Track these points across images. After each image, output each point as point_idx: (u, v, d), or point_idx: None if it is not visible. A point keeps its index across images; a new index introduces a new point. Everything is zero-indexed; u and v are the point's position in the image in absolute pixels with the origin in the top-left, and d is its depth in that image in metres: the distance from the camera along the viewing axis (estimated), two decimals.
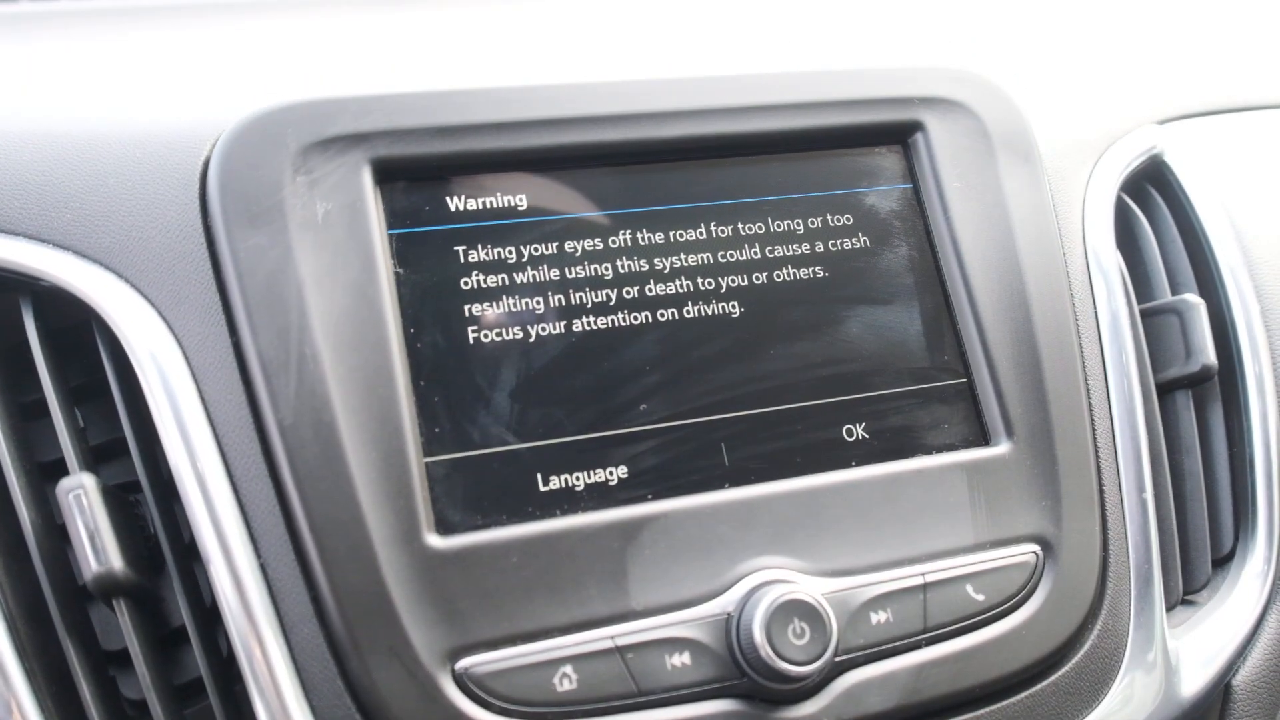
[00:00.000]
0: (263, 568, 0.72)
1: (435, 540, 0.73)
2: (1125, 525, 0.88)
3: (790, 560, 0.78)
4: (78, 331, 0.79)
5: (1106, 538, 0.87)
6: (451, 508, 0.75)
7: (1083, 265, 0.95)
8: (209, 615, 0.75)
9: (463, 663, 0.72)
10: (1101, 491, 0.87)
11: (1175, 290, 1.01)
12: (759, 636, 0.74)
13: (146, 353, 0.75)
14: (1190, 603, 0.94)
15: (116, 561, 0.71)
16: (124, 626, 0.73)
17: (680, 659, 0.74)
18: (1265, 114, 1.21)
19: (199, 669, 0.74)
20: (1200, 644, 0.90)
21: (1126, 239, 1.02)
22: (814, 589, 0.76)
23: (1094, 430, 0.89)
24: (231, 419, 0.74)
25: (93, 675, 0.73)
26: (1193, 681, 0.88)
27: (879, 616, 0.78)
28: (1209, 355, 0.96)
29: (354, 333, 0.75)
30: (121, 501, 0.76)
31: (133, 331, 0.75)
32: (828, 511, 0.80)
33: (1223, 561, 0.96)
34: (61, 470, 0.75)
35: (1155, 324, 0.98)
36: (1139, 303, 0.98)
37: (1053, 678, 0.83)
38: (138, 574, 0.73)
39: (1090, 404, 0.89)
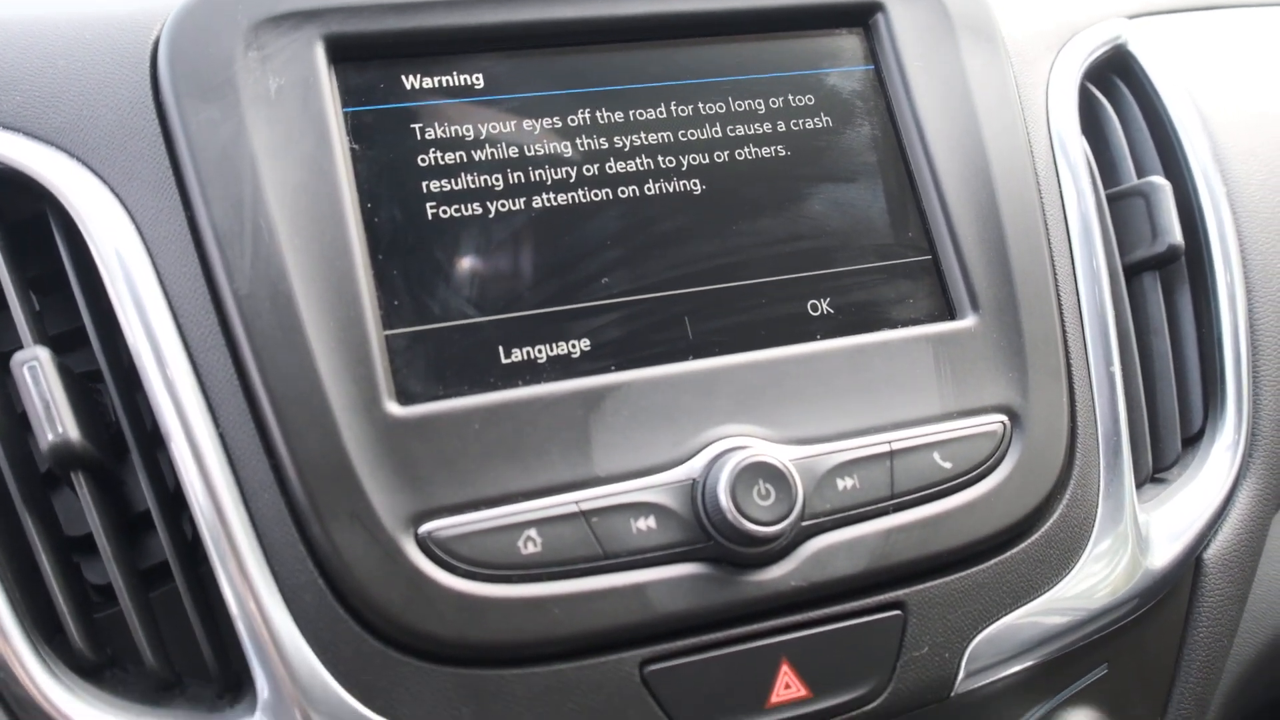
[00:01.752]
0: (221, 437, 0.71)
1: (396, 409, 0.73)
2: (1093, 398, 0.88)
3: (755, 428, 0.78)
4: (33, 226, 0.78)
5: (1074, 410, 0.87)
6: (412, 378, 0.74)
7: (1047, 150, 0.95)
8: (172, 501, 0.75)
9: (425, 527, 0.71)
10: (1068, 364, 0.87)
11: (1141, 176, 1.01)
12: (724, 499, 0.74)
13: (100, 228, 0.74)
14: (1160, 480, 0.94)
15: (73, 431, 0.71)
16: (84, 501, 0.72)
17: (645, 523, 0.74)
18: (1233, 12, 1.21)
19: (163, 553, 0.74)
20: (1170, 518, 0.90)
21: (1092, 127, 1.01)
22: (779, 453, 0.76)
23: (1060, 307, 0.88)
24: (187, 291, 0.73)
25: (56, 559, 0.73)
26: (1163, 554, 0.88)
27: (845, 483, 0.78)
28: (1175, 235, 0.96)
29: (310, 206, 0.74)
30: (83, 388, 0.75)
31: (85, 208, 0.74)
32: (792, 382, 0.80)
33: (1192, 441, 0.96)
34: None
35: (1121, 208, 0.98)
36: (1105, 188, 0.98)
37: (1022, 545, 0.82)
38: (97, 449, 0.72)
39: (1057, 282, 0.89)
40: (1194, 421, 0.96)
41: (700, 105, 0.85)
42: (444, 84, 0.81)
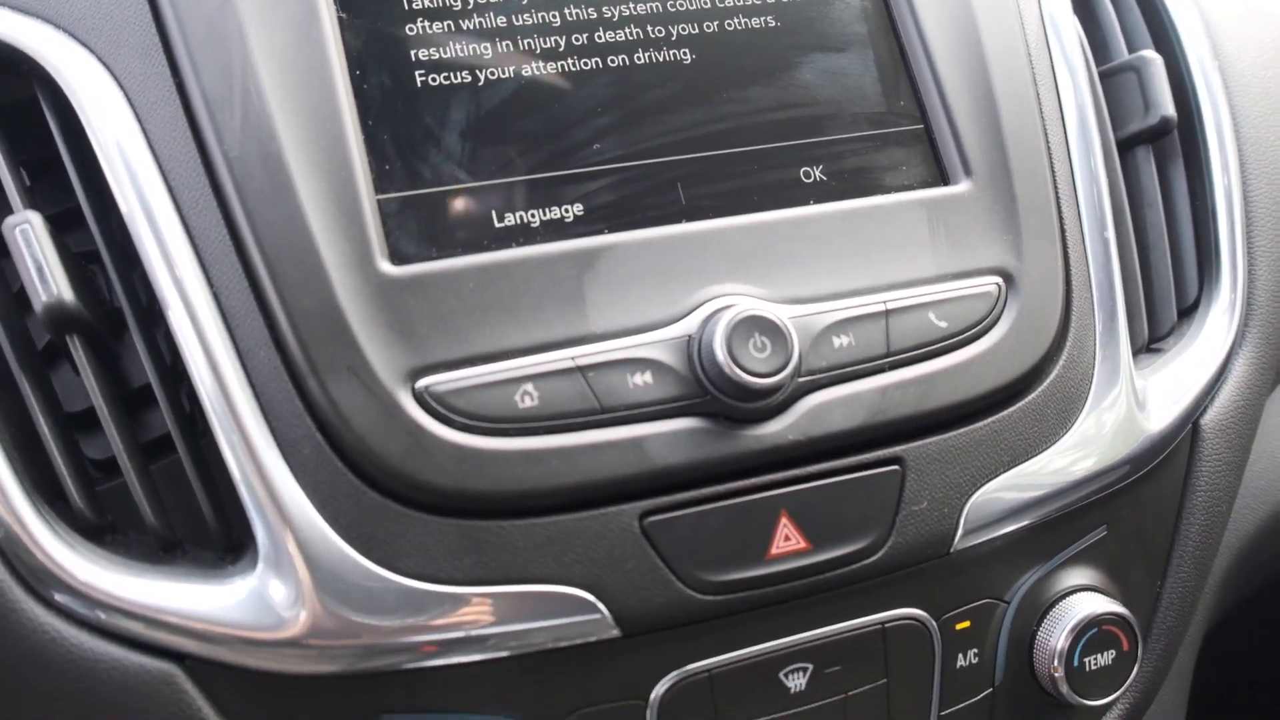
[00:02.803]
0: (216, 297, 0.71)
1: (389, 267, 0.73)
2: (1088, 264, 0.87)
3: (750, 288, 0.78)
4: (22, 111, 0.78)
5: (1069, 275, 0.87)
6: (405, 240, 0.74)
7: (1039, 26, 0.94)
8: (170, 374, 0.75)
9: (422, 382, 0.71)
10: (1063, 230, 0.87)
11: (1133, 52, 1.01)
12: (720, 353, 0.74)
13: (89, 98, 0.74)
14: (1156, 350, 0.94)
15: (67, 292, 0.71)
16: (80, 366, 0.72)
17: (641, 378, 0.74)
18: None
19: (161, 426, 0.74)
20: (1167, 384, 0.90)
21: (1083, 5, 1.01)
22: (775, 309, 0.76)
23: (1054, 175, 0.88)
24: (178, 155, 0.73)
25: (54, 425, 0.73)
26: (1160, 418, 0.88)
27: (841, 340, 0.78)
28: (1167, 107, 0.95)
29: (299, 73, 0.74)
30: (79, 263, 0.75)
31: (73, 78, 0.74)
32: (786, 244, 0.80)
33: (1187, 312, 0.96)
34: None
35: (1114, 83, 0.97)
36: (1097, 65, 0.97)
37: (1019, 404, 0.83)
38: (93, 318, 0.72)
39: (1050, 152, 0.89)
40: (1189, 293, 0.96)
41: None
42: None
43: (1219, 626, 1.10)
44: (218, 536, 0.72)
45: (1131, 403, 0.87)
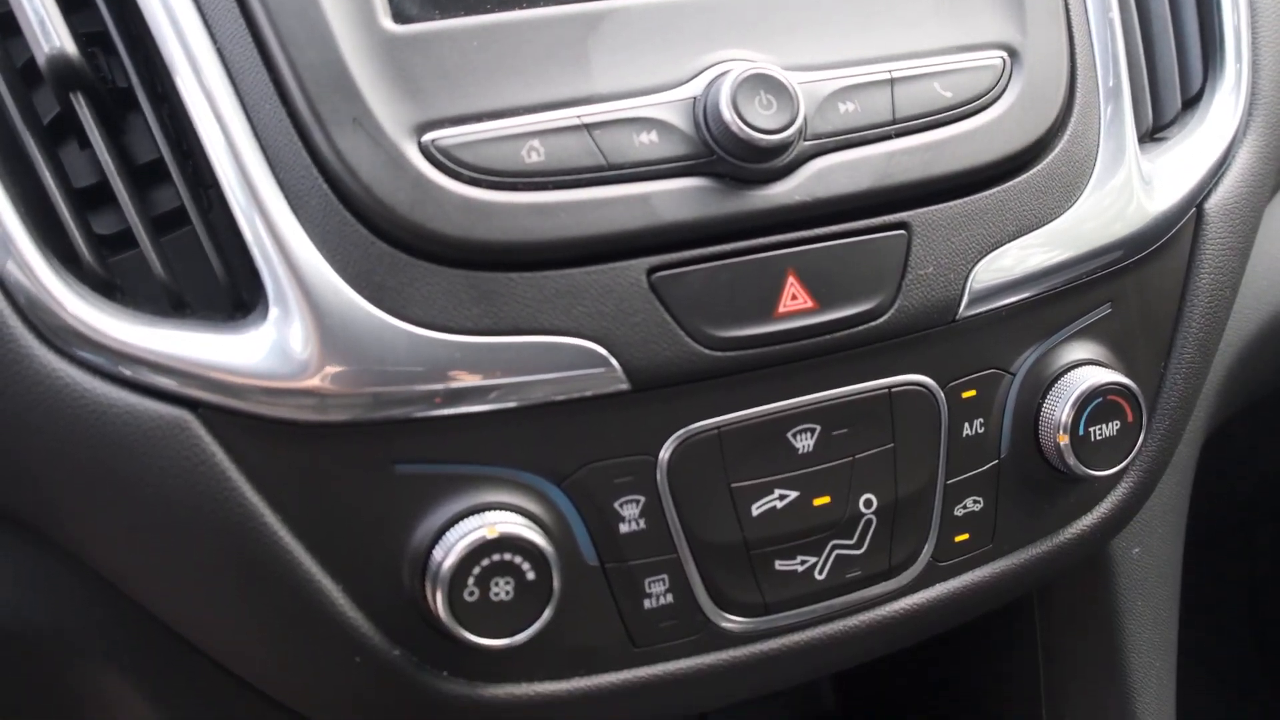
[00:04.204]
0: (220, 54, 0.71)
1: (392, 25, 0.72)
2: (1092, 44, 0.87)
3: (755, 54, 0.77)
4: None
5: (1074, 52, 0.86)
6: (408, 2, 0.74)
7: None
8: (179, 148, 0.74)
9: (428, 135, 0.71)
10: (1067, 8, 0.86)
11: None
12: (726, 110, 0.73)
13: None
14: (1160, 139, 0.94)
15: (69, 44, 0.70)
16: (86, 125, 0.72)
17: (648, 137, 0.74)
18: None
19: (167, 203, 0.74)
20: (1170, 168, 0.90)
21: None
22: (781, 71, 0.76)
23: None
24: None
25: (68, 198, 0.72)
26: (1164, 198, 0.88)
27: (847, 106, 0.78)
28: None
29: None
30: (82, 41, 0.74)
31: None
32: (793, 12, 0.79)
33: (1191, 103, 0.95)
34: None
35: None
36: None
37: (1024, 175, 0.82)
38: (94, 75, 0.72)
39: None
40: (1193, 83, 0.95)
41: None
42: None
43: (1219, 434, 1.11)
44: (227, 292, 0.72)
45: (1136, 182, 0.87)
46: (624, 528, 0.75)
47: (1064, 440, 0.83)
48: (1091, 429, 0.84)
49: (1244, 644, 1.77)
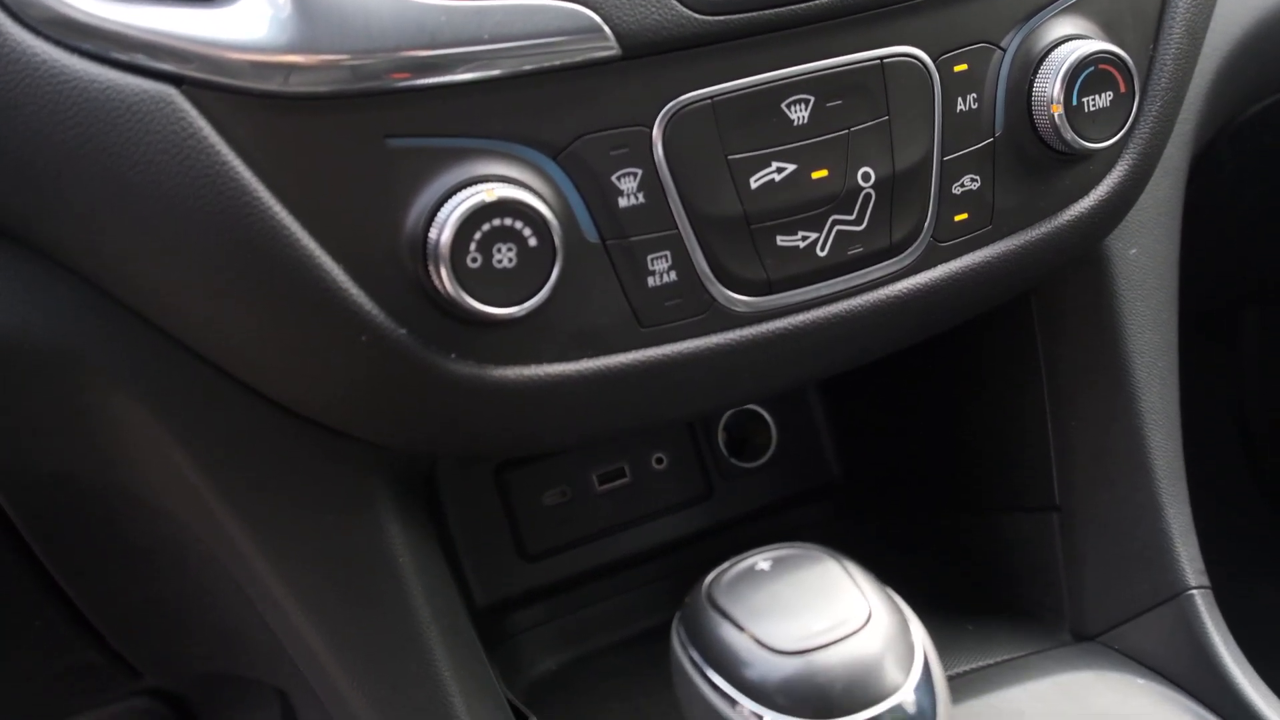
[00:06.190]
0: None
1: None
2: None
3: None
4: None
5: None
6: None
7: None
8: None
9: None
10: None
11: None
12: None
13: None
14: None
15: None
16: None
17: None
18: None
19: None
20: None
21: None
22: None
23: None
24: None
25: None
26: None
27: None
28: None
29: None
30: None
31: None
32: None
33: None
34: None
35: None
36: None
37: None
38: None
39: None
40: None
41: None
42: None
43: (1207, 159, 1.11)
44: None
45: None
46: (623, 201, 0.74)
47: (1058, 111, 0.83)
48: (1085, 99, 0.83)
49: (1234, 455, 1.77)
